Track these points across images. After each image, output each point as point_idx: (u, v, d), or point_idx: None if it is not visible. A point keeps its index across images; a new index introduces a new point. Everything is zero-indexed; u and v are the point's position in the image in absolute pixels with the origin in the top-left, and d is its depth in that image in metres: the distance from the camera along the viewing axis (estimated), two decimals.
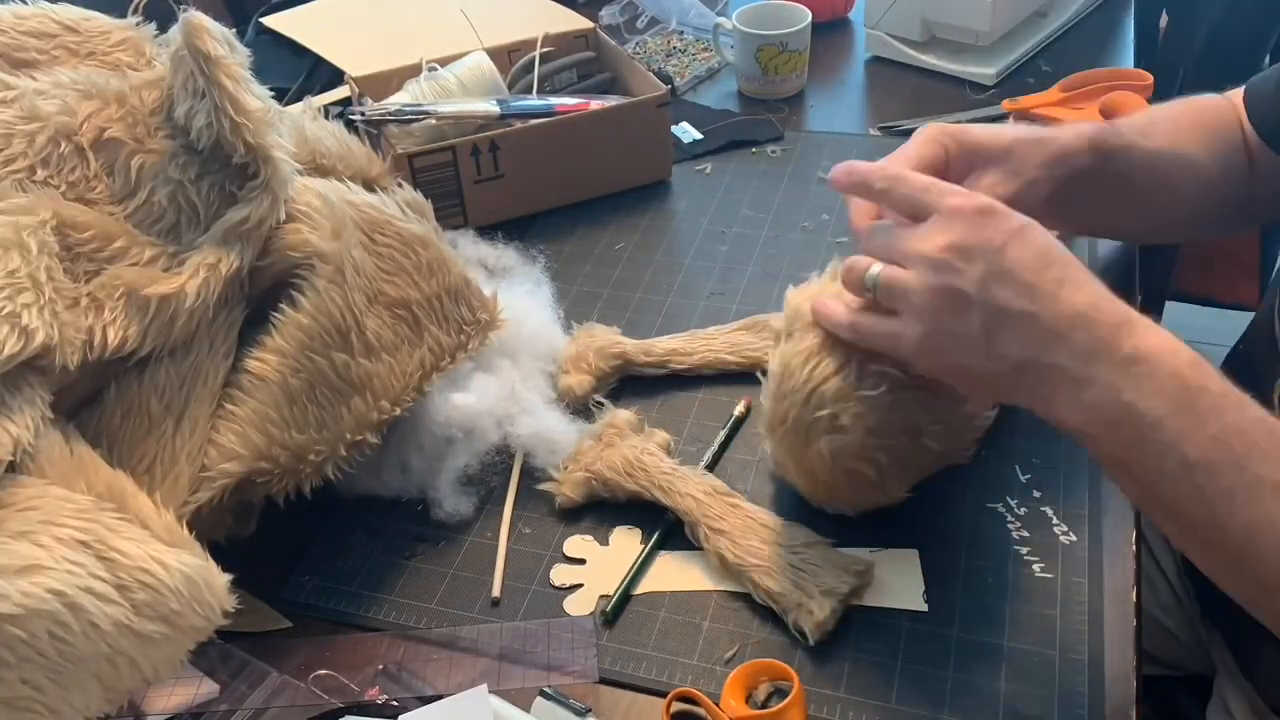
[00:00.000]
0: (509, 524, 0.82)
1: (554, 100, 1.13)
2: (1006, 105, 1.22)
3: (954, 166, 0.74)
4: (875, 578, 0.75)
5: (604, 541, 0.80)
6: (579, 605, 0.76)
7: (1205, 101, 0.89)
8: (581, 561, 0.79)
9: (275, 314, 0.74)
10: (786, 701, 0.66)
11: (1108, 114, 1.16)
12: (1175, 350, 0.59)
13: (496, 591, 0.77)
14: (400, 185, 0.88)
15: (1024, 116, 1.20)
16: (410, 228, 0.81)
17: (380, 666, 0.73)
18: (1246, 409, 0.59)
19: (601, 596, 0.76)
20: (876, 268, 0.66)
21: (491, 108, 1.11)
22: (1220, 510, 0.57)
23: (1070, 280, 0.61)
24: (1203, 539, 0.60)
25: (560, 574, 0.78)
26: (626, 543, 0.80)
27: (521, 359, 0.89)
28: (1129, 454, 0.60)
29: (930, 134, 0.74)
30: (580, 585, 0.78)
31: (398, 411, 0.78)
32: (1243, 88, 0.88)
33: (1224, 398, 0.59)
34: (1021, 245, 0.62)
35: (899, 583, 0.75)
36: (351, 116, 1.09)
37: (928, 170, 0.72)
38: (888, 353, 0.68)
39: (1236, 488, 0.57)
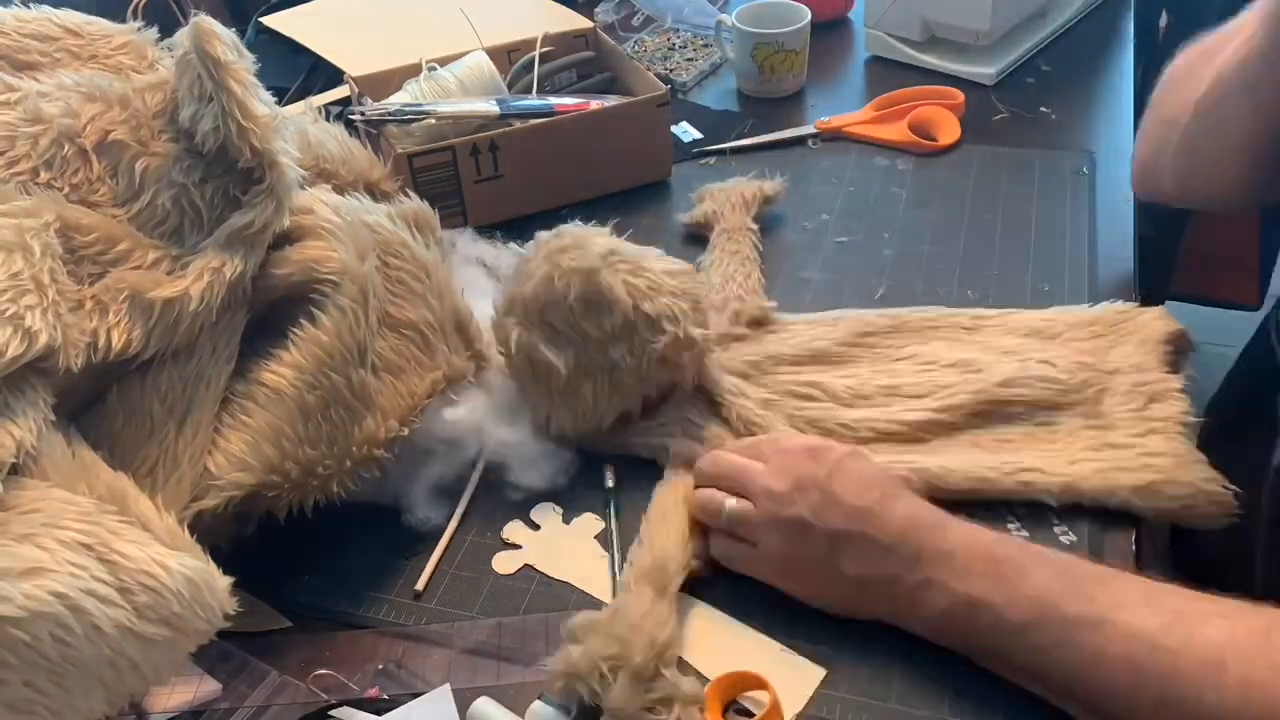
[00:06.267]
0: (458, 519, 0.83)
1: (554, 100, 1.13)
2: (819, 125, 1.24)
3: None
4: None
5: (567, 521, 0.83)
6: (505, 564, 0.80)
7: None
8: (537, 527, 0.82)
9: (294, 330, 0.74)
10: (763, 714, 0.66)
11: (917, 130, 1.20)
12: (979, 535, 0.68)
13: (420, 585, 0.78)
14: (407, 195, 0.88)
15: (837, 135, 1.23)
16: (423, 252, 0.83)
17: (380, 665, 0.73)
18: (1048, 561, 0.65)
19: (526, 565, 0.79)
20: (730, 503, 0.74)
21: (491, 108, 1.11)
22: (1057, 662, 0.62)
23: (890, 498, 0.70)
24: (1069, 698, 0.64)
25: (510, 530, 0.82)
26: (585, 527, 0.82)
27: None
28: (978, 638, 0.66)
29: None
30: (519, 547, 0.81)
31: (405, 431, 0.78)
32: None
33: (1026, 560, 0.65)
34: (844, 475, 0.71)
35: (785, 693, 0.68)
36: (351, 116, 1.09)
37: None
38: (750, 574, 0.75)
39: (1063, 639, 0.62)
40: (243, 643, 0.74)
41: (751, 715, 0.68)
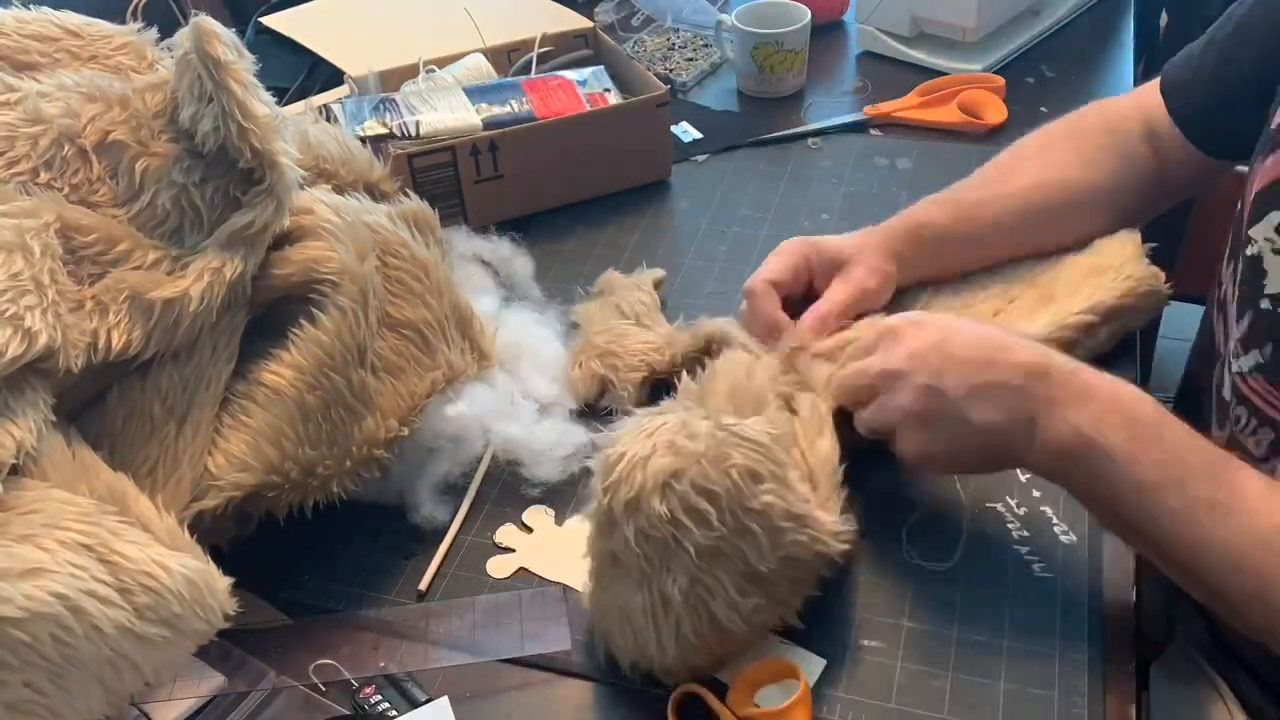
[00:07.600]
0: (462, 517, 0.83)
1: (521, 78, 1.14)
2: (868, 111, 1.26)
3: (815, 272, 0.88)
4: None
5: (559, 523, 0.82)
6: (499, 568, 0.79)
7: (1090, 120, 0.95)
8: (529, 530, 0.82)
9: (294, 330, 0.74)
10: (792, 700, 0.66)
11: (966, 110, 1.23)
12: (1116, 388, 0.67)
13: (423, 584, 0.78)
14: (407, 195, 0.88)
15: (886, 120, 1.25)
16: (422, 251, 0.83)
17: (380, 664, 0.73)
18: (1180, 433, 0.66)
19: (521, 569, 0.79)
20: (865, 414, 0.75)
21: (473, 119, 1.10)
22: (1167, 529, 0.64)
23: (1011, 346, 0.70)
24: (1156, 555, 0.67)
25: (503, 534, 0.82)
26: (579, 529, 0.80)
27: (523, 375, 0.90)
28: (1094, 483, 0.67)
29: (791, 247, 0.88)
30: (512, 550, 0.81)
31: (406, 432, 0.78)
32: (1158, 80, 0.91)
33: (1160, 425, 0.66)
34: (956, 334, 0.71)
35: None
36: None
37: (792, 276, 0.87)
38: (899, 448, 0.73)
39: (1179, 507, 0.64)
40: (242, 641, 0.74)
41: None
